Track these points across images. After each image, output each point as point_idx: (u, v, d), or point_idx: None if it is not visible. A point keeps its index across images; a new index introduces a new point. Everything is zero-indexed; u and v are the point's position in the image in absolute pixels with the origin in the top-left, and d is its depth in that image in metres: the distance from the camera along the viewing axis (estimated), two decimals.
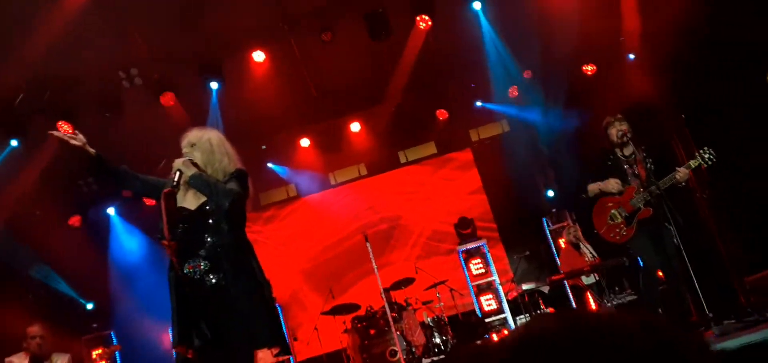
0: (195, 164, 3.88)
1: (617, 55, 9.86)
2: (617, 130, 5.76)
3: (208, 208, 3.83)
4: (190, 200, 3.91)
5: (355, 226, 11.66)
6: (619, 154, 5.86)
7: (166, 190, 3.87)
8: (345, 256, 11.71)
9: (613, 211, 5.80)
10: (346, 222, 11.97)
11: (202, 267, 3.75)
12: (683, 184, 5.55)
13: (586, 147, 7.65)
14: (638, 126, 5.89)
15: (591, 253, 8.88)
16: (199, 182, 3.79)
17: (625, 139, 5.75)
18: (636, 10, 9.00)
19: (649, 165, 5.70)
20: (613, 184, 5.75)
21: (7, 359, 6.34)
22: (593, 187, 5.85)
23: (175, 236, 3.80)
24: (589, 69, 10.34)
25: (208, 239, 3.79)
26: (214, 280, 3.76)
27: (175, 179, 3.78)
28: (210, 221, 3.80)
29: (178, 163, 3.84)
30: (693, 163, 5.56)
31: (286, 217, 12.02)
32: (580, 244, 9.11)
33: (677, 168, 5.54)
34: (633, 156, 5.79)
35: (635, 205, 5.69)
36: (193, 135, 4.03)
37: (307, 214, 12.09)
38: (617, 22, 9.23)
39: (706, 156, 5.55)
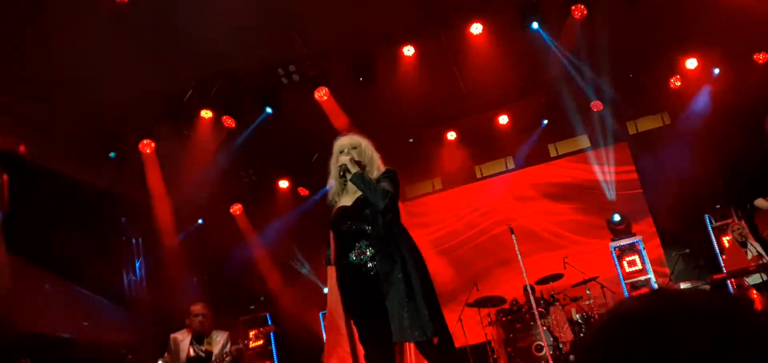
0: (358, 163, 4.19)
1: None
2: None
3: (363, 202, 4.09)
4: (346, 199, 4.24)
5: (500, 219, 11.54)
6: None
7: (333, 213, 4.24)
8: (491, 248, 11.64)
9: None
10: (492, 215, 11.88)
11: (368, 253, 4.02)
12: None
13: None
14: None
15: (758, 251, 8.24)
16: (361, 180, 4.06)
17: None
18: None
19: None
20: None
21: (171, 335, 6.81)
22: (761, 203, 5.46)
23: (340, 235, 4.12)
24: (761, 58, 9.59)
25: (368, 229, 4.04)
26: (373, 269, 3.98)
27: (342, 173, 4.15)
28: (366, 212, 4.06)
29: (344, 159, 4.17)
30: None
31: (432, 210, 12.12)
32: (747, 241, 8.48)
33: None
34: None
35: None
36: (352, 139, 4.39)
37: (453, 207, 12.13)
38: None
39: None
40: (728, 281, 8.20)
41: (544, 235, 11.64)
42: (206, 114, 9.01)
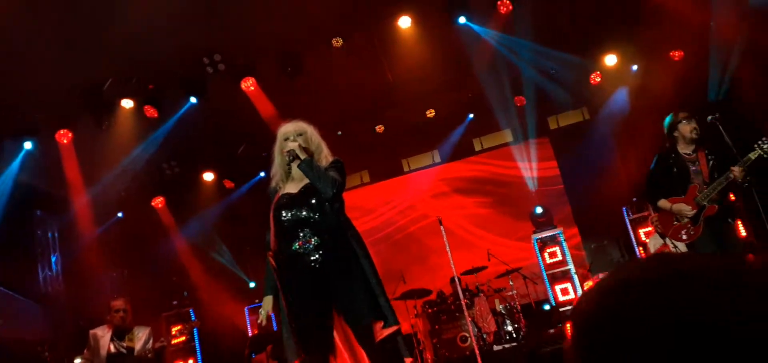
0: (305, 150, 4.11)
1: (705, 42, 9.50)
2: (692, 128, 5.62)
3: (309, 190, 4.05)
4: (290, 186, 4.18)
5: (427, 212, 11.68)
6: (681, 151, 5.71)
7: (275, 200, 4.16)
8: (417, 241, 11.77)
9: (681, 213, 5.64)
10: (419, 208, 12.02)
11: (312, 242, 3.97)
12: (741, 183, 5.36)
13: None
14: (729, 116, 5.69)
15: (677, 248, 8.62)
16: (309, 168, 4.00)
17: (695, 135, 5.62)
18: None
19: (711, 162, 5.56)
20: (684, 209, 5.58)
21: (91, 331, 6.61)
22: (663, 204, 5.70)
23: (280, 225, 4.05)
24: (676, 55, 10.02)
25: (312, 218, 4.00)
26: (318, 258, 3.94)
27: (291, 158, 4.06)
28: (313, 201, 4.02)
29: (292, 145, 4.08)
30: (752, 156, 5.33)
31: (360, 202, 12.13)
32: (666, 237, 8.86)
33: (731, 168, 5.35)
34: (695, 153, 5.66)
35: (700, 202, 5.52)
36: (298, 125, 4.30)
37: (380, 200, 12.18)
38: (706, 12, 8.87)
39: (766, 146, 5.31)
40: None
41: (469, 227, 11.84)
42: (127, 104, 8.71)
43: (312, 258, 3.96)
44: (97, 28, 7.19)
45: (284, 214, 4.06)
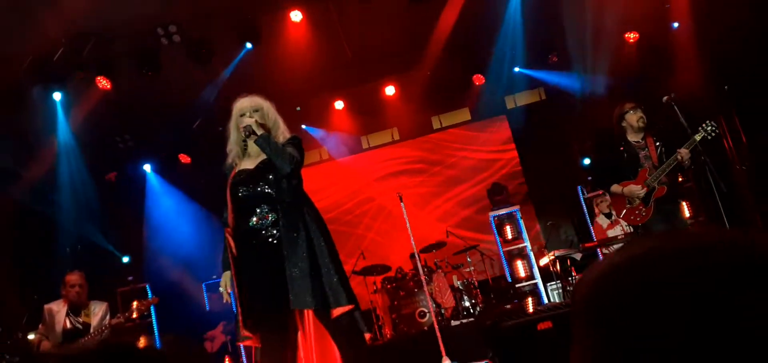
0: (262, 126, 4.05)
1: (662, 23, 9.67)
2: (638, 117, 5.90)
3: (266, 166, 4.03)
4: (247, 162, 4.16)
5: (387, 189, 11.70)
6: (631, 139, 5.98)
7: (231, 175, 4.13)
8: (376, 218, 11.80)
9: (632, 195, 5.85)
10: (379, 185, 12.03)
11: (269, 218, 3.97)
12: (688, 165, 5.66)
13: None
14: (680, 101, 5.88)
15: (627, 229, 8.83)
16: (266, 143, 3.96)
17: (642, 123, 5.88)
18: None
19: (659, 147, 5.82)
20: (635, 191, 5.78)
21: (46, 306, 6.49)
22: (616, 189, 5.95)
23: (237, 201, 4.03)
24: (631, 37, 10.18)
25: (270, 194, 3.99)
26: (276, 234, 3.93)
27: (247, 134, 4.02)
28: (270, 177, 4.00)
29: (248, 121, 4.03)
30: (697, 137, 5.65)
31: (318, 179, 12.07)
32: (612, 213, 9.06)
33: (678, 150, 5.62)
34: (644, 139, 5.92)
35: (650, 184, 5.77)
36: (254, 100, 4.24)
37: (339, 177, 12.15)
38: None
39: (709, 128, 5.66)
40: (598, 250, 8.75)
41: (427, 204, 11.91)
42: (79, 75, 8.48)
43: (269, 234, 3.94)
44: None
45: (241, 191, 4.03)
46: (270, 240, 3.94)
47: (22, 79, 8.27)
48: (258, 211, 3.98)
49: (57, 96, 8.88)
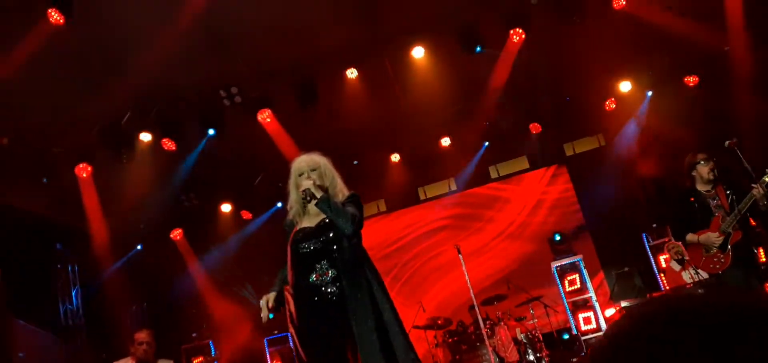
0: (320, 187, 4.06)
1: (722, 67, 9.46)
2: (710, 168, 5.78)
3: (327, 224, 4.03)
4: (307, 221, 4.15)
5: (445, 240, 11.63)
6: (700, 189, 5.88)
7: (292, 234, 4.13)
8: (435, 270, 11.71)
9: (708, 243, 5.73)
10: (436, 236, 11.97)
11: (329, 275, 3.95)
12: (765, 201, 5.43)
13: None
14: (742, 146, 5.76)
15: (697, 275, 8.52)
16: (327, 206, 3.95)
17: (712, 175, 5.77)
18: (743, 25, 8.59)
19: (730, 196, 5.70)
20: (712, 238, 5.67)
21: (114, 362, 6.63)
22: (691, 238, 5.85)
23: (297, 257, 4.04)
24: (691, 80, 9.98)
25: (330, 251, 3.99)
26: (335, 291, 3.93)
27: (307, 198, 4.00)
28: (330, 234, 4.00)
29: (307, 183, 4.02)
30: (766, 178, 5.46)
31: (377, 231, 12.10)
32: (684, 260, 8.76)
33: (752, 185, 5.46)
34: (714, 189, 5.81)
35: (725, 230, 5.64)
36: (311, 159, 4.24)
37: (397, 229, 12.15)
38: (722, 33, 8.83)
39: None
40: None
41: (487, 255, 11.77)
42: (145, 137, 8.81)
43: (329, 290, 3.95)
44: (113, 61, 7.30)
45: (302, 247, 4.05)
46: (331, 297, 3.94)
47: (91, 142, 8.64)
48: (318, 267, 3.99)
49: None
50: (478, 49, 8.50)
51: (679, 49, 8.99)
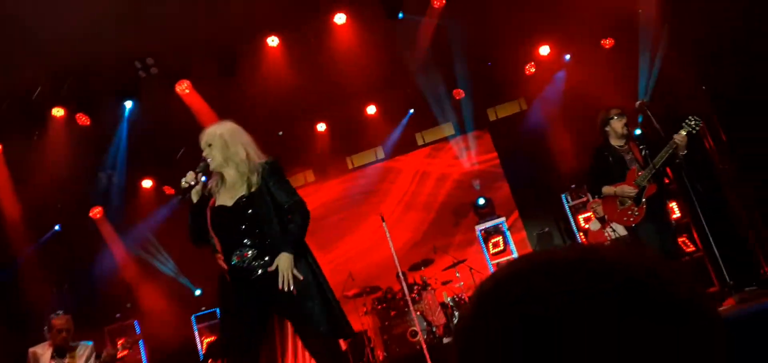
0: (207, 169, 4.02)
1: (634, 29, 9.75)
2: (623, 123, 5.94)
3: (244, 202, 3.96)
4: (225, 198, 4.05)
5: (371, 208, 11.67)
6: (614, 144, 6.03)
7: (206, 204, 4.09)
8: (362, 238, 11.76)
9: (623, 194, 5.88)
10: (363, 205, 12.00)
11: (249, 255, 3.89)
12: (684, 151, 5.59)
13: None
14: (661, 105, 5.94)
15: (617, 232, 8.82)
16: (292, 251, 3.89)
17: (626, 130, 5.94)
18: None
19: (643, 151, 5.84)
20: (627, 190, 5.81)
21: (31, 349, 6.41)
22: (607, 190, 5.99)
23: (219, 236, 3.99)
24: (607, 43, 10.26)
25: (253, 230, 3.92)
26: (257, 269, 3.88)
27: (188, 188, 4.00)
28: (249, 212, 3.93)
29: (189, 176, 4.01)
30: (683, 132, 5.62)
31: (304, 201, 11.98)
32: (604, 217, 9.06)
33: (674, 136, 5.59)
34: (627, 144, 5.99)
35: (640, 183, 5.80)
36: (208, 133, 4.11)
37: (324, 200, 12.11)
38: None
39: (693, 122, 5.62)
40: None
41: (413, 221, 11.88)
42: (58, 112, 8.44)
43: (252, 270, 3.89)
44: (23, 34, 6.95)
45: (220, 230, 3.97)
46: (253, 276, 3.89)
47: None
48: (238, 250, 3.92)
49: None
50: (401, 15, 8.50)
51: (595, 12, 9.20)
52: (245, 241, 3.92)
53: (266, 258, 3.88)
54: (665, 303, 0.73)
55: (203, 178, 4.07)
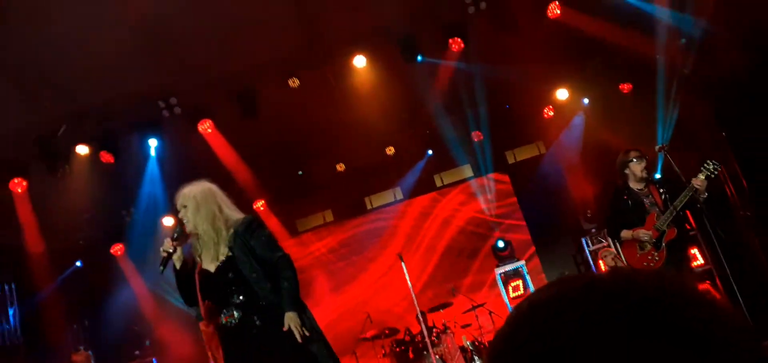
0: (183, 232, 4.03)
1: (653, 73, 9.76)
2: (643, 167, 5.83)
3: (225, 267, 3.95)
4: (207, 262, 4.04)
5: (390, 250, 11.66)
6: (633, 187, 5.92)
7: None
8: (379, 278, 11.74)
9: (641, 240, 5.78)
10: (382, 245, 12.00)
11: (235, 315, 3.89)
12: (704, 194, 5.47)
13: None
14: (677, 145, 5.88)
15: None
16: (293, 306, 3.88)
17: (645, 174, 5.83)
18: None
19: (663, 195, 5.75)
20: (644, 235, 5.73)
21: None
22: (626, 234, 5.86)
23: (205, 299, 3.99)
24: (625, 87, 10.27)
25: (239, 292, 3.93)
26: (254, 329, 3.90)
27: (168, 256, 3.98)
28: (230, 275, 3.93)
29: (167, 244, 3.99)
30: (702, 176, 5.48)
31: (323, 240, 12.05)
32: (619, 264, 8.98)
33: (693, 179, 5.47)
34: (647, 187, 5.87)
35: (660, 228, 5.68)
36: (182, 195, 4.14)
37: (342, 238, 12.13)
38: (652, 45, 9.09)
39: (711, 167, 5.49)
40: None
41: (431, 263, 11.84)
42: (82, 150, 8.60)
43: (243, 329, 3.91)
44: (49, 73, 7.13)
45: (206, 295, 3.99)
46: (239, 335, 3.92)
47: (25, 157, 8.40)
48: (225, 311, 3.94)
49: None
50: (420, 58, 8.59)
51: (613, 56, 9.23)
52: (231, 301, 3.93)
53: (256, 316, 3.89)
54: (683, 327, 0.68)
55: (185, 245, 4.06)
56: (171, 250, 3.94)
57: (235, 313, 3.89)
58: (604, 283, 0.74)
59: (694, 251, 8.89)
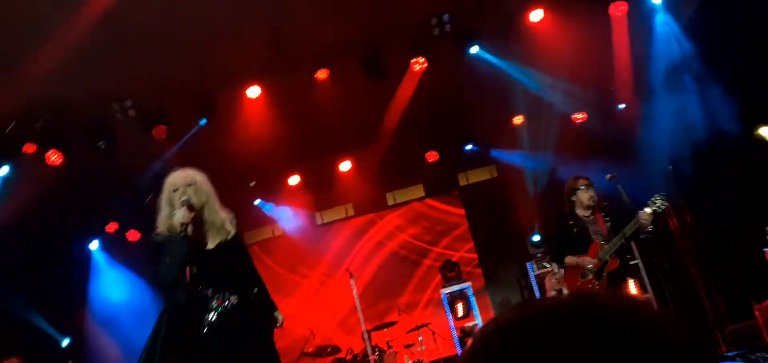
0: (191, 207, 3.97)
1: (608, 104, 10.01)
2: (590, 196, 5.94)
3: (223, 247, 4.11)
4: (207, 238, 4.16)
5: (338, 266, 11.62)
6: (579, 214, 6.03)
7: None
8: (327, 295, 11.68)
9: (584, 268, 5.89)
10: (330, 262, 11.96)
11: (232, 301, 4.00)
12: (649, 227, 5.60)
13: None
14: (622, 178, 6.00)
15: None
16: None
17: (592, 202, 5.93)
18: (629, 61, 9.12)
19: (608, 223, 5.89)
20: (587, 262, 5.85)
21: None
22: (570, 260, 5.97)
23: (198, 273, 4.08)
24: (579, 117, 10.49)
25: (233, 277, 4.09)
26: (236, 309, 4.02)
27: (184, 231, 3.91)
28: (228, 258, 4.12)
29: (181, 216, 3.91)
30: (648, 209, 5.61)
31: (271, 255, 11.93)
32: (563, 290, 9.17)
33: (639, 212, 5.59)
34: (593, 215, 5.98)
35: (603, 258, 5.80)
36: (188, 175, 4.15)
37: (291, 254, 12.02)
38: (610, 71, 9.32)
39: (659, 202, 5.62)
40: None
41: (379, 281, 11.84)
42: (30, 148, 8.27)
43: (228, 314, 3.99)
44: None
45: (201, 271, 4.05)
46: (233, 310, 4.00)
47: None
48: (221, 295, 4.03)
49: (3, 170, 8.57)
50: (382, 75, 8.62)
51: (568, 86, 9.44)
52: (224, 283, 4.01)
53: (244, 307, 4.03)
54: (646, 343, 0.71)
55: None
56: (188, 221, 3.90)
57: (232, 298, 3.99)
58: (568, 305, 0.78)
59: (631, 282, 9.14)
